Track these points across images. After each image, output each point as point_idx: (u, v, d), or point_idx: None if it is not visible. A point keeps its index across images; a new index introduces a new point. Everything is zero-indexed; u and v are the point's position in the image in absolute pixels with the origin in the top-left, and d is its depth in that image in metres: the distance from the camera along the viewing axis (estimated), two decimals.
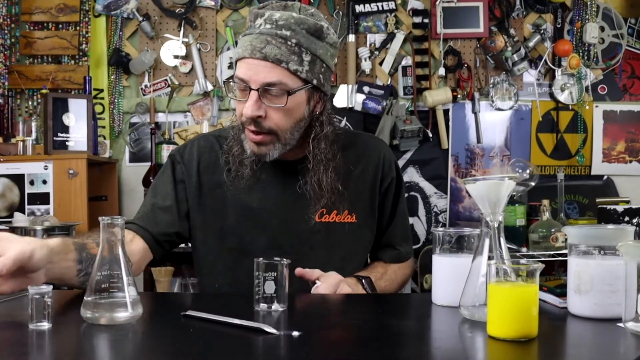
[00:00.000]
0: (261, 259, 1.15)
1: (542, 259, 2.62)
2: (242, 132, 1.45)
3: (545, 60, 3.31)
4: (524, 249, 2.75)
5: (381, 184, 1.57)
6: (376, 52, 3.29)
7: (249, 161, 1.46)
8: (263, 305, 1.14)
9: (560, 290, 1.21)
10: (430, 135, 3.28)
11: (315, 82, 1.38)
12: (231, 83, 1.41)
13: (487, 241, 1.08)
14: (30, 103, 3.24)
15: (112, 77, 3.28)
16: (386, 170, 1.58)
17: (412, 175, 3.31)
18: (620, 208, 2.68)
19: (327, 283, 1.34)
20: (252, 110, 1.35)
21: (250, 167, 1.46)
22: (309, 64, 1.36)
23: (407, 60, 3.32)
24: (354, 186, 1.53)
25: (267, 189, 1.50)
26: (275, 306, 1.14)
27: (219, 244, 1.53)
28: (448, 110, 3.31)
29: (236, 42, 3.24)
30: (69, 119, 2.89)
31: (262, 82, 1.34)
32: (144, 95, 3.29)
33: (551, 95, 3.34)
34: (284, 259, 1.16)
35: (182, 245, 1.62)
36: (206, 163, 1.55)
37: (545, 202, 2.77)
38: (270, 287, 1.14)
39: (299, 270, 1.35)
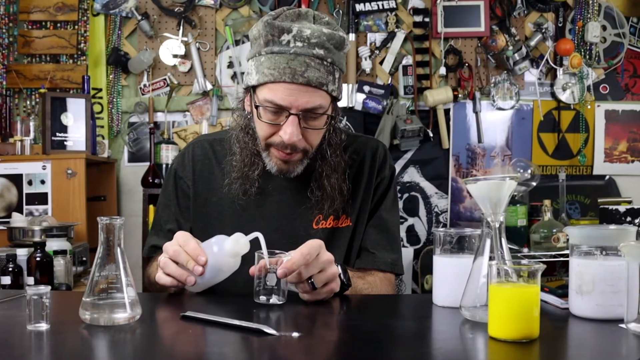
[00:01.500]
0: (262, 251, 1.16)
1: (544, 259, 2.62)
2: (263, 151, 1.41)
3: (546, 60, 3.30)
4: (526, 250, 2.75)
5: (375, 181, 1.54)
6: (376, 51, 3.27)
7: (256, 175, 1.43)
8: (262, 298, 1.15)
9: (562, 291, 1.21)
10: (431, 135, 3.27)
11: (340, 97, 1.38)
12: (259, 107, 1.35)
13: (488, 241, 1.08)
14: (28, 102, 3.23)
15: (111, 76, 3.27)
16: (380, 168, 1.55)
17: (412, 175, 3.30)
18: (622, 208, 2.68)
19: (302, 247, 1.21)
20: (295, 135, 1.32)
21: (257, 180, 1.44)
22: (337, 81, 1.35)
23: (408, 60, 3.30)
24: (350, 189, 1.51)
25: (267, 197, 1.48)
26: (274, 299, 1.15)
27: None
28: (449, 109, 3.30)
29: (236, 42, 3.24)
30: (67, 119, 2.88)
31: (304, 108, 1.31)
32: (142, 94, 3.28)
33: (553, 94, 3.33)
34: (286, 253, 1.16)
35: None
36: (200, 172, 1.54)
37: (547, 202, 2.77)
38: (272, 279, 1.15)
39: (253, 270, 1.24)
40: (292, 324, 1.09)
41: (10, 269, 2.11)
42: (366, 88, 3.23)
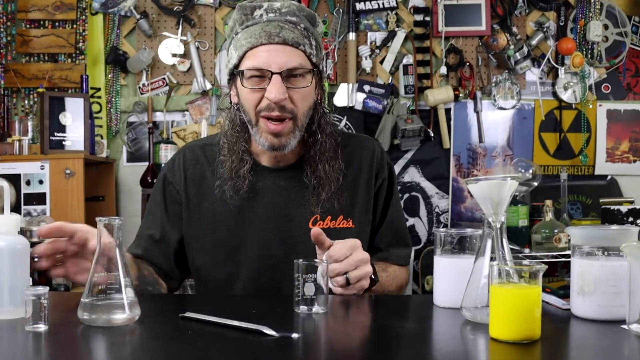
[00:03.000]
0: (301, 260, 1.14)
1: (545, 260, 2.63)
2: (254, 126, 1.40)
3: (548, 59, 3.29)
4: (527, 250, 2.76)
5: (375, 182, 1.54)
6: (377, 51, 3.26)
7: (245, 171, 1.43)
8: (303, 308, 1.14)
9: (564, 292, 1.20)
10: (432, 134, 3.26)
11: (321, 67, 1.42)
12: (242, 77, 1.38)
13: (489, 242, 1.08)
14: (26, 102, 3.22)
15: (110, 75, 3.26)
16: (379, 168, 1.54)
17: (413, 175, 3.29)
18: (624, 208, 2.68)
19: (343, 243, 1.28)
20: (280, 94, 1.34)
21: (247, 177, 1.43)
22: (315, 49, 1.40)
23: (408, 59, 3.29)
24: (349, 190, 1.49)
25: (261, 197, 1.47)
26: (316, 308, 1.14)
27: (211, 257, 1.49)
28: (450, 109, 3.29)
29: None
30: (65, 118, 2.87)
31: (286, 66, 1.35)
32: (141, 94, 3.27)
33: (554, 94, 3.33)
34: (324, 261, 1.16)
35: None
36: (192, 177, 1.51)
37: (548, 202, 2.78)
38: (310, 289, 1.14)
39: (316, 231, 1.26)
40: (292, 324, 1.08)
41: None
42: (366, 87, 3.21)
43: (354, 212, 1.49)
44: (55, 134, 2.84)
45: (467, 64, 3.29)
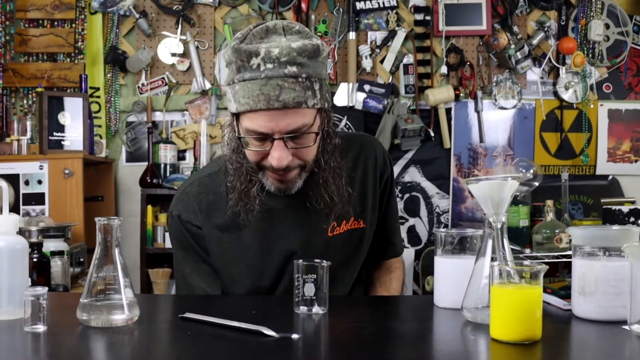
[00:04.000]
0: (301, 260, 1.14)
1: (546, 260, 2.62)
2: (257, 172, 1.37)
3: (549, 58, 3.28)
4: (528, 250, 2.75)
5: (380, 181, 1.54)
6: (377, 50, 3.25)
7: (256, 191, 1.38)
8: (303, 308, 1.14)
9: (565, 292, 1.20)
10: (432, 134, 3.25)
11: (326, 105, 1.33)
12: (241, 137, 1.31)
13: (489, 242, 1.08)
14: (25, 102, 3.22)
15: (109, 75, 3.26)
16: (382, 167, 1.54)
17: (413, 175, 3.28)
18: (625, 209, 2.67)
19: None
20: (284, 159, 1.28)
21: (258, 196, 1.38)
22: (319, 91, 1.29)
23: (409, 58, 3.28)
24: (358, 191, 1.49)
25: (278, 214, 1.43)
26: (316, 309, 1.14)
27: (238, 283, 1.45)
28: (450, 109, 3.28)
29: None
30: (64, 118, 2.87)
31: (287, 131, 1.26)
32: (140, 93, 3.26)
33: (555, 93, 3.32)
34: (324, 261, 1.15)
35: None
36: (206, 210, 1.45)
37: (549, 202, 2.76)
38: (310, 290, 1.14)
39: None
40: (292, 325, 1.08)
41: None
42: (367, 87, 3.20)
43: (365, 213, 1.49)
44: (54, 133, 2.84)
45: (468, 63, 3.28)
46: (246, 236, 1.42)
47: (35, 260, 2.05)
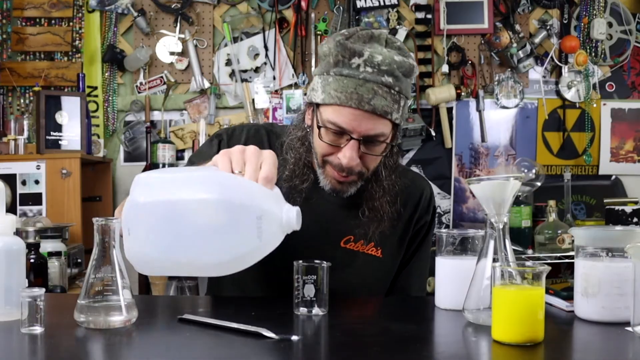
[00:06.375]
0: (301, 261, 1.14)
1: (549, 261, 2.61)
2: (319, 167, 1.38)
3: (551, 57, 3.27)
4: (530, 251, 2.74)
5: (415, 224, 1.53)
6: None
7: (305, 189, 1.39)
8: (303, 310, 1.14)
9: (567, 294, 1.20)
10: (434, 134, 3.24)
11: (402, 124, 1.36)
12: (321, 126, 1.32)
13: (491, 243, 1.08)
14: (22, 101, 3.20)
15: (107, 74, 3.24)
16: (422, 211, 1.53)
17: None
18: (628, 209, 2.66)
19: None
20: (353, 160, 1.31)
21: (303, 193, 1.39)
22: (402, 109, 1.33)
23: None
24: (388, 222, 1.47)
25: (309, 210, 1.39)
26: (316, 310, 1.14)
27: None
28: (452, 108, 3.27)
29: (234, 39, 3.21)
30: (62, 117, 2.86)
31: (366, 134, 1.30)
32: (139, 92, 3.25)
33: (558, 92, 3.31)
34: (324, 262, 1.15)
35: None
36: None
37: (552, 202, 2.76)
38: (309, 291, 1.14)
39: None
40: (292, 326, 1.08)
41: None
42: None
43: (385, 244, 1.47)
44: (52, 133, 2.83)
45: (469, 62, 3.27)
46: None
47: (32, 261, 2.04)
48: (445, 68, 3.22)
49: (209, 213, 0.98)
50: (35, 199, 2.71)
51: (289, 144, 1.42)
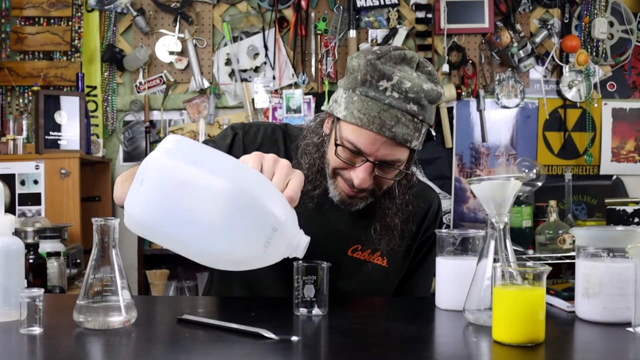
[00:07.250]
0: (300, 262, 1.13)
1: (549, 261, 2.61)
2: (330, 178, 1.37)
3: (552, 57, 3.27)
4: (531, 251, 2.74)
5: (422, 235, 1.52)
6: None
7: (316, 195, 1.38)
8: (303, 310, 1.14)
9: (568, 294, 1.20)
10: (434, 133, 3.23)
11: (419, 148, 1.35)
12: (338, 144, 1.31)
13: (492, 243, 1.07)
14: (21, 100, 3.20)
15: (106, 73, 3.24)
16: (430, 222, 1.53)
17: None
18: (629, 209, 2.66)
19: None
20: (365, 182, 1.30)
21: (314, 201, 1.38)
22: (422, 136, 1.32)
23: None
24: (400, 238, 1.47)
25: (318, 216, 1.41)
26: (316, 311, 1.14)
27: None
28: (452, 108, 3.27)
29: (234, 39, 3.21)
30: (61, 117, 2.85)
31: (383, 160, 1.29)
32: (138, 92, 3.24)
33: (558, 92, 3.31)
34: (324, 262, 1.14)
35: None
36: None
37: (553, 202, 2.76)
38: (309, 291, 1.13)
39: None
40: (292, 327, 1.08)
41: None
42: None
43: (391, 254, 1.47)
44: (51, 133, 2.82)
45: (470, 61, 3.26)
46: None
47: (31, 261, 2.04)
48: (445, 68, 3.21)
49: (233, 203, 0.94)
50: (34, 199, 2.70)
51: (304, 149, 1.41)
